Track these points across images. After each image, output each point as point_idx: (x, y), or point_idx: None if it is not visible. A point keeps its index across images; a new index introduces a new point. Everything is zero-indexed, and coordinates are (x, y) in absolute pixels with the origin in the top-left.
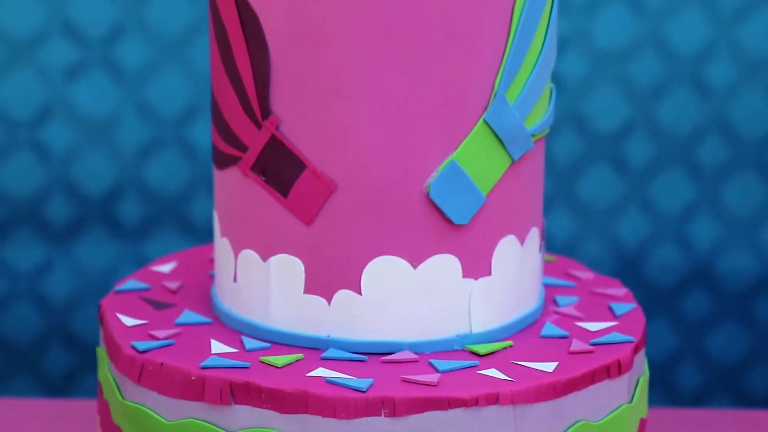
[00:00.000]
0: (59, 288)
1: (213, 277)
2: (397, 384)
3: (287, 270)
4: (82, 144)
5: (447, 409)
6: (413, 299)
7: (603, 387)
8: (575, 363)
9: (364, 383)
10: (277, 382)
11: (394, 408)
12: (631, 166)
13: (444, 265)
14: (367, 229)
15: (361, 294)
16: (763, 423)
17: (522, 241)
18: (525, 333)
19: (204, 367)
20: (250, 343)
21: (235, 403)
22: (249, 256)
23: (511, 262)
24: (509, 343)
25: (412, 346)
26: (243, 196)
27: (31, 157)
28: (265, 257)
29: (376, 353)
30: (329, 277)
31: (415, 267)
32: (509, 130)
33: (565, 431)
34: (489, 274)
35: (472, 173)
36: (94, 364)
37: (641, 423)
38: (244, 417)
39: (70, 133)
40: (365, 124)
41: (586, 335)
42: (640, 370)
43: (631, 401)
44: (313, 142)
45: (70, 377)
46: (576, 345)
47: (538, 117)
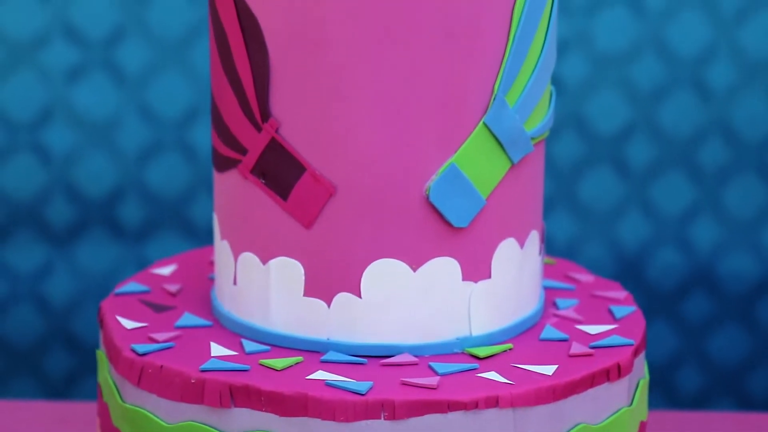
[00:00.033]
0: (60, 290)
1: (213, 279)
2: (397, 387)
3: (287, 273)
4: (83, 146)
5: (446, 413)
6: (413, 302)
7: (603, 390)
8: (575, 366)
9: (363, 386)
10: (277, 385)
11: (393, 411)
12: (632, 169)
13: (444, 268)
14: (366, 231)
15: (360, 297)
16: (765, 426)
17: (522, 244)
18: (525, 336)
19: (204, 370)
20: (249, 345)
21: (235, 406)
22: (249, 258)
23: (510, 265)
24: (509, 346)
25: (411, 349)
26: (243, 199)
27: (32, 159)
28: (264, 260)
29: (376, 356)
30: (329, 280)
31: (414, 270)
32: (509, 132)
33: None
34: (489, 277)
35: (471, 176)
36: (95, 366)
37: (641, 426)
38: (244, 420)
39: (71, 135)
40: (365, 126)
41: (585, 338)
42: (640, 373)
43: (630, 404)
44: (312, 145)
45: (70, 379)
46: (576, 348)
47: (538, 120)
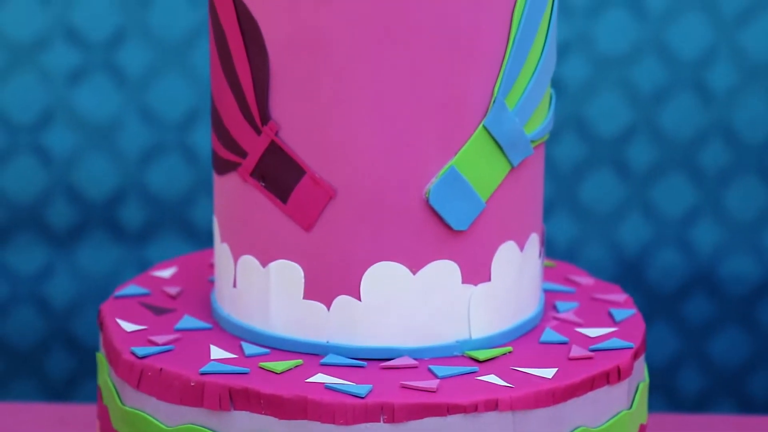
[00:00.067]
0: (61, 292)
1: (213, 282)
2: (396, 390)
3: (287, 275)
4: (84, 148)
5: (446, 416)
6: (412, 305)
7: (602, 393)
8: (574, 369)
9: (363, 389)
10: (277, 387)
11: (393, 414)
12: (633, 171)
13: (443, 270)
14: (366, 234)
15: (360, 300)
16: (765, 429)
17: (521, 246)
18: (524, 339)
19: (203, 373)
20: (249, 348)
21: (234, 408)
22: (248, 261)
23: (510, 267)
24: (509, 348)
25: (411, 352)
26: (242, 202)
27: (33, 161)
28: (264, 263)
29: (376, 359)
30: (329, 282)
31: (414, 273)
32: (509, 135)
33: None
34: (488, 279)
35: (471, 179)
36: (96, 368)
37: (641, 429)
38: (243, 423)
39: (72, 137)
40: (364, 129)
41: (585, 341)
42: (640, 376)
43: (630, 407)
44: (312, 148)
45: (71, 381)
46: (575, 351)
47: (538, 123)
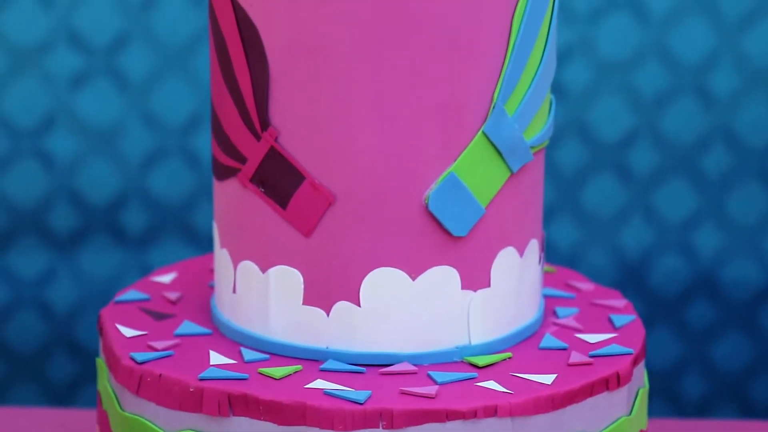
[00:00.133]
0: (63, 296)
1: (213, 287)
2: (396, 396)
3: (286, 281)
4: (86, 152)
5: (445, 422)
6: (412, 311)
7: (602, 399)
8: (574, 375)
9: (362, 395)
10: (276, 393)
11: (391, 420)
12: (635, 175)
13: (443, 276)
14: (365, 240)
15: (359, 305)
16: None
17: (521, 252)
18: (524, 344)
19: (202, 379)
20: (248, 354)
21: (233, 414)
22: (248, 267)
23: (510, 273)
24: (508, 354)
25: (410, 358)
26: (242, 208)
27: (35, 165)
28: (264, 268)
29: (375, 365)
30: (328, 288)
31: (413, 278)
32: (508, 141)
33: None
34: (488, 285)
35: (471, 185)
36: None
37: None
38: (242, 428)
39: (74, 141)
40: (364, 135)
41: (585, 347)
42: (640, 382)
43: (630, 413)
44: (311, 154)
45: (73, 386)
46: (575, 357)
47: (538, 129)
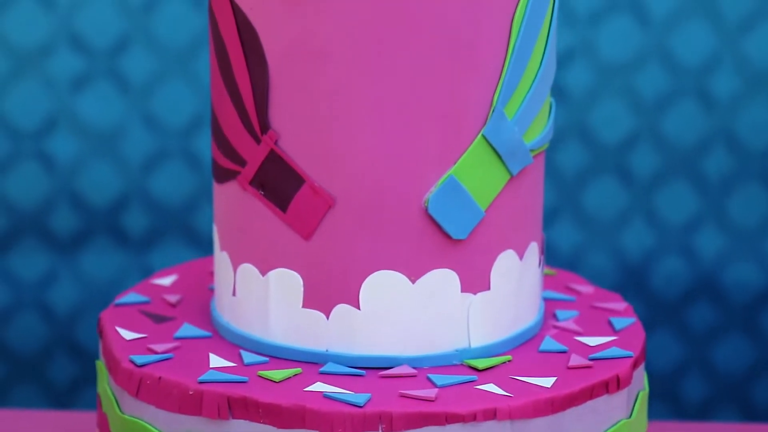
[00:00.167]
0: (64, 298)
1: (213, 290)
2: (395, 399)
3: (286, 284)
4: (87, 155)
5: (444, 425)
6: (412, 314)
7: (601, 402)
8: (574, 378)
9: (361, 398)
10: (275, 396)
11: (391, 423)
12: (636, 178)
13: (442, 279)
14: (365, 243)
15: (359, 308)
16: None
17: (521, 255)
18: (524, 347)
19: (202, 382)
20: (248, 357)
21: (233, 417)
22: (248, 270)
23: (509, 276)
24: (508, 357)
25: (410, 361)
26: (242, 211)
27: (36, 167)
28: (263, 271)
29: (375, 368)
30: (328, 291)
31: (413, 281)
32: (508, 145)
33: None
34: (488, 288)
35: (470, 188)
36: None
37: None
38: (242, 431)
39: (75, 143)
40: (364, 138)
41: (585, 350)
42: (640, 385)
43: (630, 416)
44: (311, 157)
45: (73, 388)
46: (575, 360)
47: (537, 132)
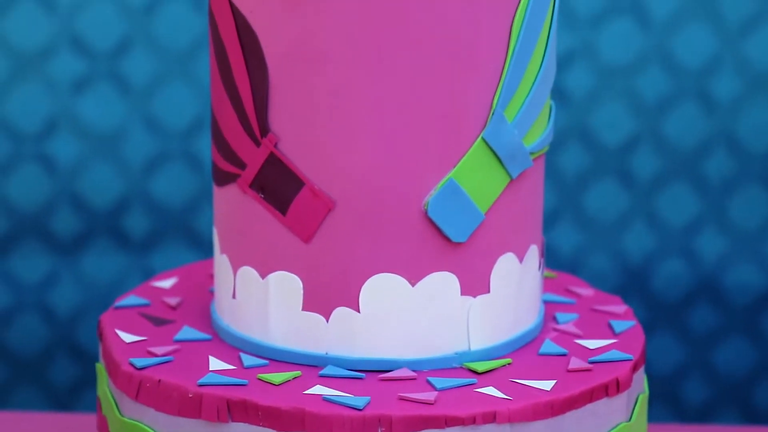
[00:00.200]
0: (65, 300)
1: (213, 293)
2: (395, 402)
3: (286, 287)
4: (88, 156)
5: (444, 428)
6: (411, 317)
7: (601, 405)
8: (573, 381)
9: (361, 401)
10: (275, 399)
11: (390, 426)
12: (637, 180)
13: (442, 282)
14: (365, 246)
15: (359, 311)
16: None
17: (521, 258)
18: (524, 350)
19: (201, 384)
20: (248, 360)
21: (232, 420)
22: (248, 273)
23: (509, 279)
24: (508, 360)
25: (410, 364)
26: (242, 214)
27: (37, 169)
28: (263, 274)
29: (374, 371)
30: (327, 294)
31: (413, 284)
32: (508, 148)
33: None
34: (487, 291)
35: (470, 191)
36: None
37: None
38: None
39: (76, 145)
40: (363, 141)
41: (584, 353)
42: (639, 388)
43: (629, 419)
44: (311, 160)
45: (74, 390)
46: (574, 363)
47: (537, 135)
